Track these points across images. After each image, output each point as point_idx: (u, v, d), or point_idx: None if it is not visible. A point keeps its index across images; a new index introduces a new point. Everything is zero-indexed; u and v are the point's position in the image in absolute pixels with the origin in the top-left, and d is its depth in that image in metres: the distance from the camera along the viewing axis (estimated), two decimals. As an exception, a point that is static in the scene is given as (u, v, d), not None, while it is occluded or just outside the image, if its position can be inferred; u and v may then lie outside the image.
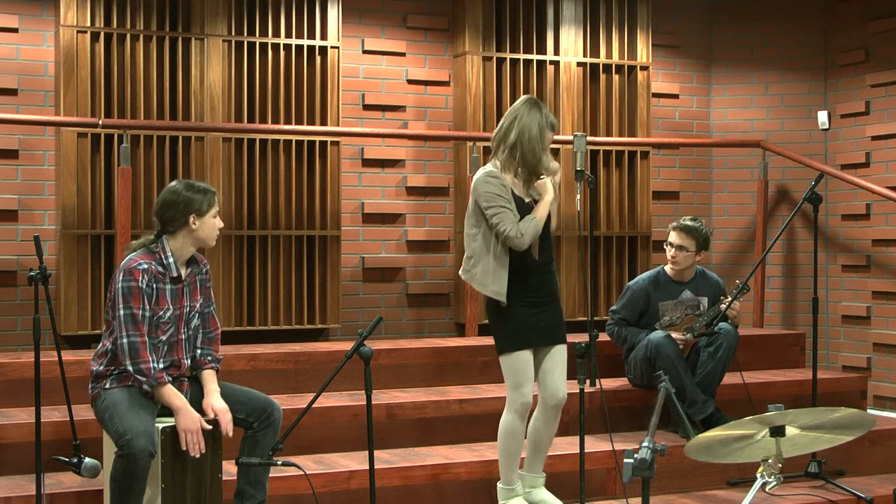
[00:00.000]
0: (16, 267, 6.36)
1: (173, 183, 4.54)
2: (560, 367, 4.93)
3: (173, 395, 4.31)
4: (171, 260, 4.42)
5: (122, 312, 4.29)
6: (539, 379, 4.94)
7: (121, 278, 4.33)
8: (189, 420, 4.28)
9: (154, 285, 4.36)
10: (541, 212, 4.84)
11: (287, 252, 6.83)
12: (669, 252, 6.04)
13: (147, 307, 4.32)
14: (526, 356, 4.85)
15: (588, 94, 7.58)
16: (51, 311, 4.45)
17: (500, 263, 4.81)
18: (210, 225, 4.48)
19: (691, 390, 5.77)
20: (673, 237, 6.03)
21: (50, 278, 4.38)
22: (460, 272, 4.98)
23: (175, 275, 4.42)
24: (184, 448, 4.27)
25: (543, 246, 4.92)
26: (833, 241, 7.88)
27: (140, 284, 4.31)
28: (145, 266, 4.34)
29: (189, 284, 4.50)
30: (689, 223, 6.00)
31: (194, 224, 4.42)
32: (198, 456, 4.28)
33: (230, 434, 4.39)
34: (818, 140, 7.97)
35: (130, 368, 4.28)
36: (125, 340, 4.28)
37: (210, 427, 4.34)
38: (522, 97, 4.97)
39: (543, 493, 5.04)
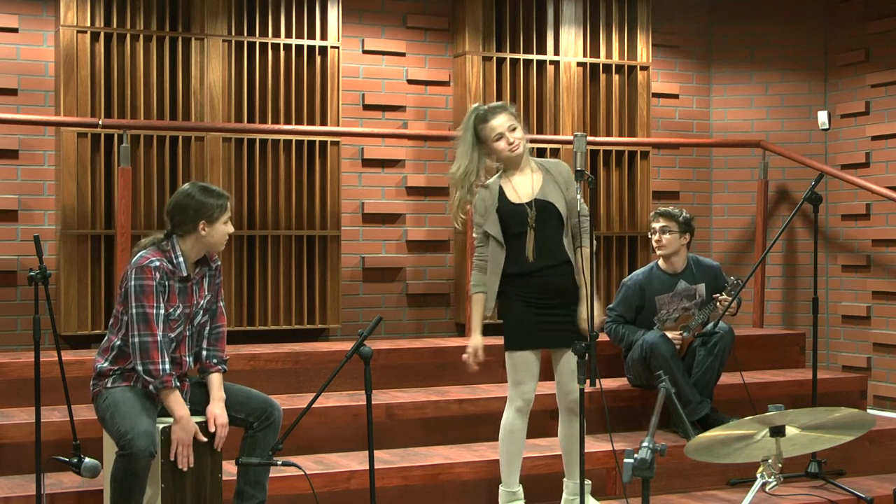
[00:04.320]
0: (16, 267, 6.36)
1: (187, 185, 4.48)
2: (569, 369, 4.81)
3: (177, 404, 4.27)
4: (180, 259, 4.38)
5: (134, 311, 4.27)
6: (556, 381, 4.93)
7: (133, 276, 4.29)
8: (185, 433, 4.26)
9: (166, 282, 4.33)
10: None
11: (287, 252, 6.82)
12: (654, 238, 6.05)
13: (161, 305, 4.30)
14: (527, 355, 4.85)
15: (588, 94, 7.58)
16: (51, 311, 4.45)
17: (490, 272, 4.89)
18: (221, 232, 4.42)
19: (687, 390, 5.76)
20: (653, 224, 6.07)
21: (50, 278, 4.37)
22: None
23: (184, 275, 4.40)
24: (172, 458, 4.26)
25: (542, 249, 4.85)
26: (833, 241, 7.88)
27: (153, 282, 4.28)
28: (157, 263, 4.32)
29: (197, 282, 4.48)
30: (664, 208, 6.13)
31: (203, 231, 4.37)
32: (185, 469, 4.27)
33: (219, 449, 4.38)
34: (818, 140, 7.97)
35: (140, 368, 4.26)
36: (136, 340, 4.26)
37: (205, 440, 4.34)
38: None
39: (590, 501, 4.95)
